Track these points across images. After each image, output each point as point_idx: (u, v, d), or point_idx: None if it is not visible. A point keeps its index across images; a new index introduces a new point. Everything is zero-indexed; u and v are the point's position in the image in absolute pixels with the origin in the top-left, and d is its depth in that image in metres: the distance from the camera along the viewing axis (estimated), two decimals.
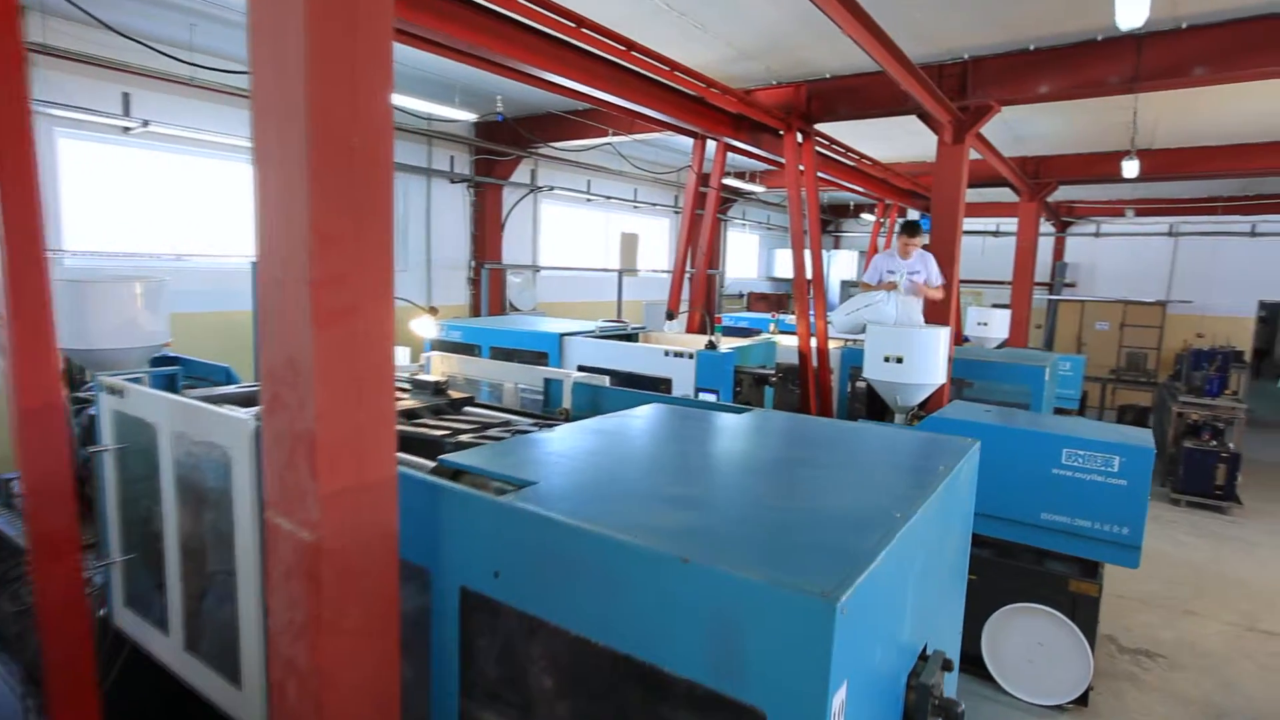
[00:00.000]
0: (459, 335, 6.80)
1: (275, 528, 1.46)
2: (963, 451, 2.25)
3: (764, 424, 2.56)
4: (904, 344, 4.90)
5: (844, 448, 2.28)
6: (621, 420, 2.56)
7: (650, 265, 12.82)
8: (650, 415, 2.66)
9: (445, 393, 3.41)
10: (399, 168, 8.39)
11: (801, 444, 2.32)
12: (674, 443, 2.32)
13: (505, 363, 3.84)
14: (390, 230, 1.46)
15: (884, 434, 2.52)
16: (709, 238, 7.04)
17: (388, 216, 1.44)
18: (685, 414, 2.69)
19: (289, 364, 1.38)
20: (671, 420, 2.59)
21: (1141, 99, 7.08)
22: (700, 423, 2.55)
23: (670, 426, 2.50)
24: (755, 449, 2.28)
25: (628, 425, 2.49)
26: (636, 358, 5.71)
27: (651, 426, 2.50)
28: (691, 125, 6.07)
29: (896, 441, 2.39)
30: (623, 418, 2.60)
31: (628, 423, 2.53)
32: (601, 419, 2.57)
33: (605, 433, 2.37)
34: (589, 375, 3.42)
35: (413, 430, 2.75)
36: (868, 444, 2.37)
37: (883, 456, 2.22)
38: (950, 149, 6.07)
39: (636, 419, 2.60)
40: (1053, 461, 4.16)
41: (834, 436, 2.42)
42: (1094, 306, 14.53)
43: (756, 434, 2.42)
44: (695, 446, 2.27)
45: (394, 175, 1.49)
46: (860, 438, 2.45)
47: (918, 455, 2.24)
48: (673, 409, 2.76)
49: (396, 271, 5.97)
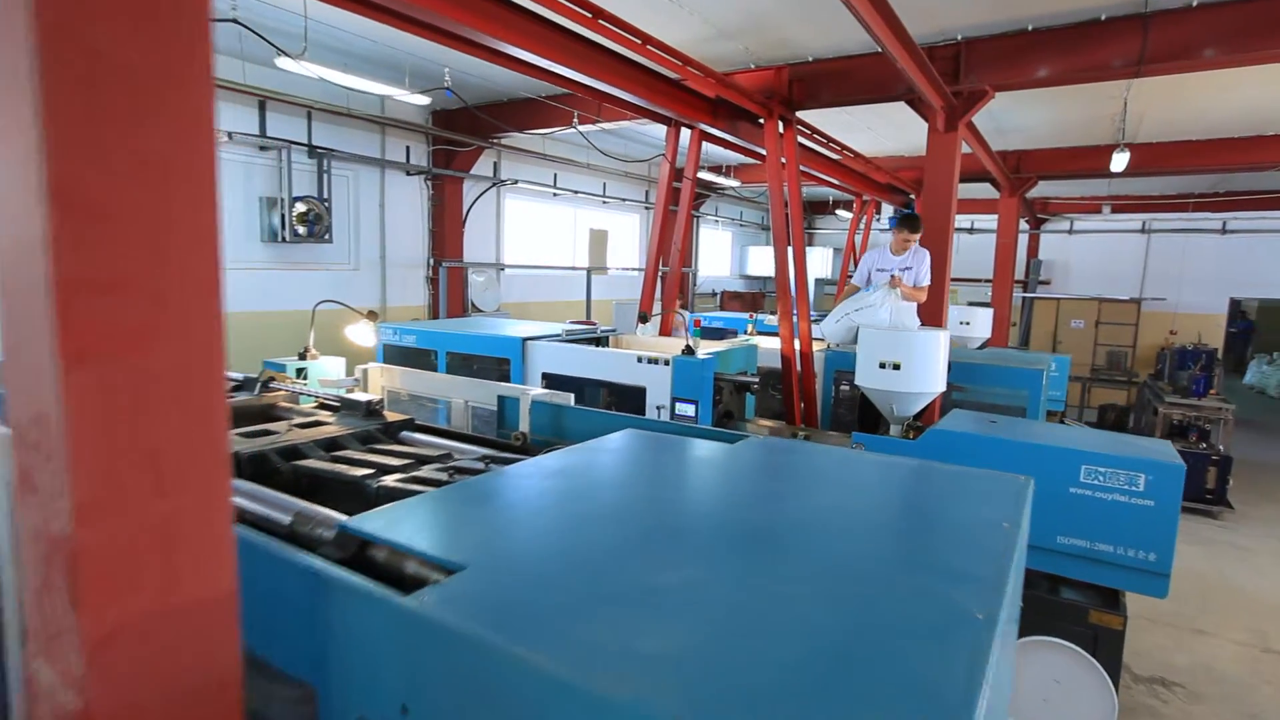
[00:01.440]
0: (413, 339, 6.23)
1: (33, 679, 0.92)
2: (1020, 496, 1.79)
3: (764, 459, 2.07)
4: (901, 349, 4.46)
5: (873, 496, 1.80)
6: (588, 456, 2.05)
7: (621, 263, 12.30)
8: (623, 448, 2.15)
9: (379, 414, 2.86)
10: (348, 157, 7.75)
11: (817, 490, 1.83)
12: (655, 493, 1.81)
13: (454, 377, 3.30)
14: (215, 204, 0.93)
15: (913, 472, 2.04)
16: (683, 233, 6.55)
17: (206, 176, 0.90)
18: (665, 445, 2.19)
19: (37, 423, 0.84)
20: (649, 455, 2.08)
21: (1132, 90, 6.78)
22: (685, 459, 2.05)
23: (648, 466, 1.99)
24: (761, 501, 1.77)
25: (595, 465, 1.98)
26: (606, 364, 5.20)
27: (625, 467, 1.99)
28: (665, 109, 5.57)
29: (934, 483, 1.91)
30: (589, 452, 2.08)
31: (595, 460, 2.02)
32: (564, 454, 2.06)
33: (567, 476, 1.85)
34: (551, 393, 2.90)
35: (327, 468, 2.20)
36: (899, 487, 1.89)
37: (927, 509, 1.74)
38: (942, 138, 5.66)
39: (606, 453, 2.09)
40: (1070, 479, 3.74)
41: (854, 478, 1.93)
42: (1069, 304, 14.40)
43: (758, 476, 1.93)
44: (682, 499, 1.75)
45: (347, 164, 0.95)
46: (887, 479, 1.97)
47: (968, 504, 1.76)
48: (650, 438, 2.25)
49: (347, 271, 5.23)
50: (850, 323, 5.01)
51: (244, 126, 6.79)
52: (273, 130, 7.04)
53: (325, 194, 7.38)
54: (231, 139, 6.53)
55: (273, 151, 7.05)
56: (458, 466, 2.17)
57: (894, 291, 4.90)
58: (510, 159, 9.88)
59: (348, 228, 8.06)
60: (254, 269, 7.10)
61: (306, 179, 7.39)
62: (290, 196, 6.99)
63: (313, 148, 7.35)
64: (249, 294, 7.03)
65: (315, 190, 7.37)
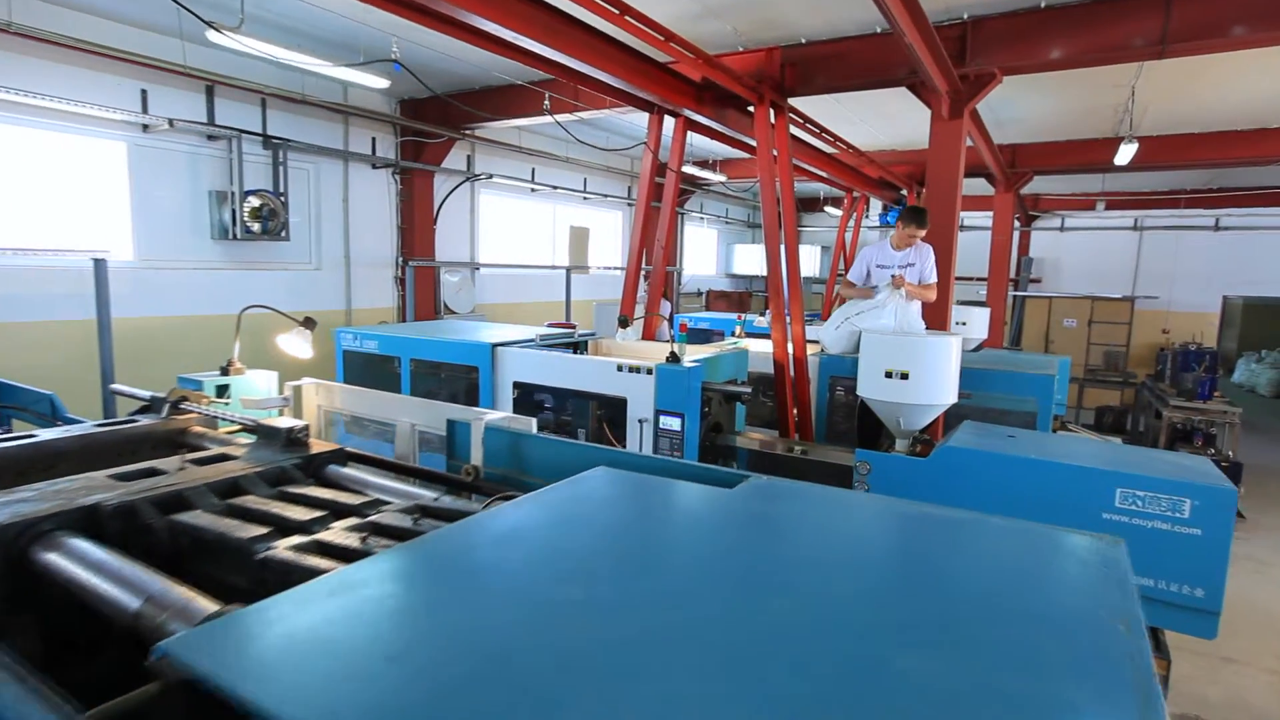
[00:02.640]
0: (375, 345, 5.72)
1: None
2: (1119, 573, 1.34)
3: (774, 516, 1.60)
4: (910, 356, 4.03)
5: (931, 580, 1.33)
6: (549, 512, 1.57)
7: (603, 262, 11.81)
8: (596, 498, 1.68)
9: (301, 444, 2.36)
10: (307, 148, 7.20)
11: (858, 571, 1.35)
12: (638, 577, 1.31)
13: (399, 396, 2.81)
14: None
15: (966, 531, 1.58)
16: (668, 230, 6.08)
17: None
18: (649, 492, 1.72)
19: None
20: (630, 510, 1.62)
21: (1141, 77, 6.41)
22: (674, 519, 1.59)
23: (629, 529, 1.52)
24: (790, 585, 1.28)
25: (559, 528, 1.50)
26: (583, 373, 4.73)
27: (599, 529, 1.51)
28: (647, 93, 5.09)
29: (997, 549, 1.46)
30: (550, 507, 1.60)
31: (559, 516, 1.54)
32: (518, 507, 1.58)
33: (519, 545, 1.37)
34: (510, 418, 2.42)
35: (212, 527, 1.71)
36: (968, 562, 1.43)
37: (1001, 597, 1.28)
38: (946, 125, 5.24)
39: (574, 506, 1.61)
40: (1104, 504, 3.32)
41: (899, 547, 1.48)
42: (1061, 303, 14.11)
43: (772, 544, 1.45)
44: (678, 589, 1.26)
45: (306, 156, 0.50)
46: (953, 544, 1.49)
47: (1054, 589, 1.30)
48: (630, 482, 1.78)
49: (309, 271, 4.50)
50: (851, 328, 4.56)
51: (188, 113, 6.23)
52: (223, 118, 6.49)
53: (281, 188, 6.83)
54: (173, 126, 5.97)
55: (223, 141, 6.50)
56: (378, 524, 1.69)
57: (898, 292, 4.45)
58: (485, 152, 9.36)
59: (309, 225, 7.52)
60: (203, 269, 6.54)
61: (261, 172, 6.84)
62: (241, 190, 6.44)
63: (268, 138, 6.80)
64: (198, 296, 6.48)
65: (270, 184, 6.82)
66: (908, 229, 4.82)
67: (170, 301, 6.27)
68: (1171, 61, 5.78)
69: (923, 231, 4.85)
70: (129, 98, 5.83)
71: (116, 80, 5.72)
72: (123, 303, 5.95)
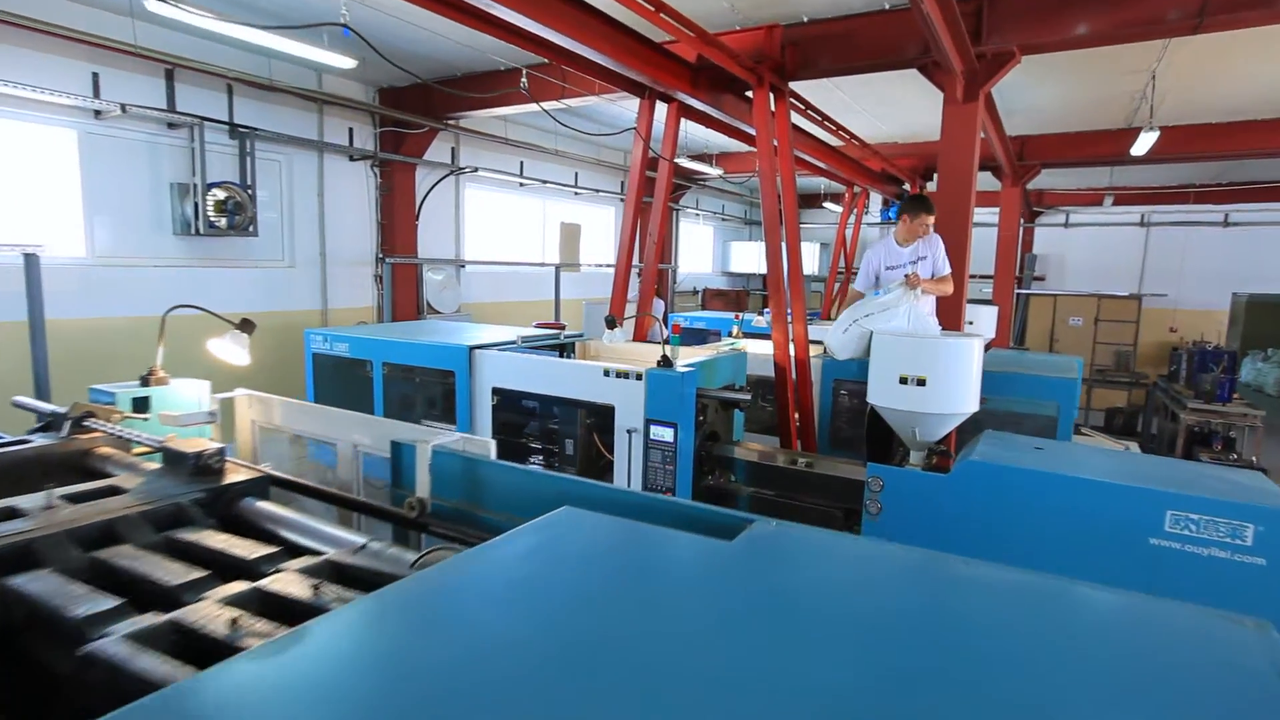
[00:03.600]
0: (345, 348, 5.31)
1: None
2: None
3: (800, 581, 1.20)
4: (927, 360, 3.63)
5: (1033, 694, 0.92)
6: (490, 580, 1.17)
7: (595, 259, 11.39)
8: (558, 554, 1.28)
9: (212, 472, 1.96)
10: (278, 138, 6.78)
11: (910, 680, 0.94)
12: (607, 700, 0.91)
13: (341, 411, 2.40)
14: None
15: (1070, 604, 1.18)
16: (660, 223, 5.68)
17: None
18: (626, 547, 1.32)
19: None
20: (600, 577, 1.21)
21: (1164, 61, 6.03)
22: (660, 587, 1.18)
23: (596, 610, 1.11)
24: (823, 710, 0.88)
25: (499, 614, 1.09)
26: (568, 378, 4.33)
27: (555, 610, 1.10)
28: (638, 73, 4.69)
29: (1120, 642, 1.05)
30: (494, 571, 1.20)
31: (503, 597, 1.14)
32: (449, 577, 1.18)
33: (437, 635, 0.97)
34: (465, 439, 2.02)
35: (44, 596, 1.31)
36: (1079, 667, 1.02)
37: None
38: (960, 109, 4.84)
39: (525, 569, 1.21)
40: (1151, 528, 2.93)
41: (960, 639, 1.07)
42: (1067, 301, 13.74)
43: (793, 624, 1.05)
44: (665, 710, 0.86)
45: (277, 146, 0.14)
46: (1045, 631, 1.09)
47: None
48: (602, 531, 1.38)
49: (281, 269, 3.86)
50: (860, 331, 4.15)
51: (147, 98, 5.80)
52: (187, 105, 6.07)
53: (249, 180, 6.41)
54: (126, 111, 5.54)
55: (185, 129, 6.07)
56: (267, 593, 1.28)
57: (913, 292, 4.05)
58: (470, 144, 8.95)
59: (281, 219, 7.09)
60: (164, 266, 6.12)
61: (228, 163, 6.42)
62: (204, 182, 6.01)
63: (234, 126, 6.38)
64: (159, 296, 6.03)
65: (238, 176, 6.40)
66: (916, 219, 4.41)
67: (127, 301, 5.84)
68: (1197, 42, 5.42)
69: (932, 219, 4.44)
70: (78, 81, 5.40)
71: (64, 62, 5.29)
72: (73, 302, 5.54)
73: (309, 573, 1.36)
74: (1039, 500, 3.16)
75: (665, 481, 4.00)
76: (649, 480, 4.04)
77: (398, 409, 5.52)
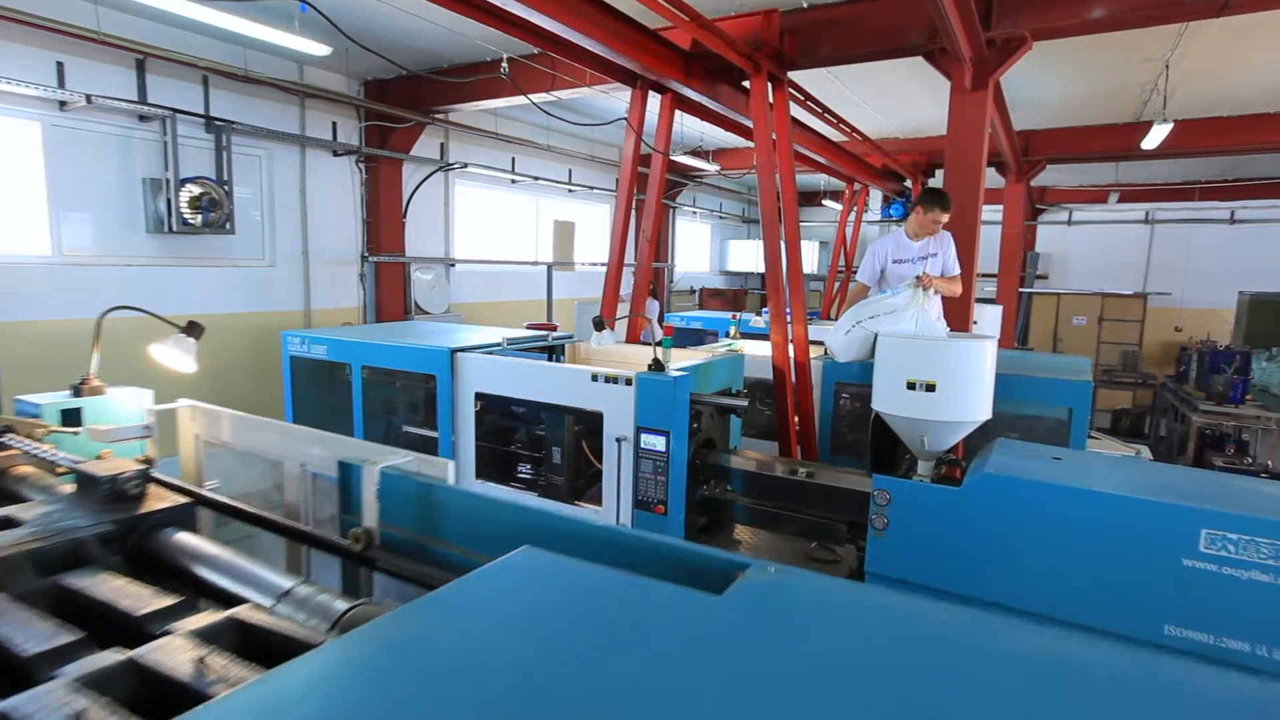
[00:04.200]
0: (323, 351, 5.06)
1: None
2: None
3: (807, 650, 0.96)
4: (938, 364, 3.38)
5: None
6: (423, 648, 0.92)
7: (589, 258, 11.13)
8: (511, 611, 1.03)
9: (128, 499, 1.71)
10: (256, 132, 6.52)
11: None
12: None
13: (286, 425, 2.15)
14: None
15: (1168, 690, 0.93)
16: (654, 219, 5.43)
17: None
18: (596, 603, 1.08)
19: None
20: (563, 645, 0.96)
21: (1180, 48, 5.79)
22: (634, 658, 0.93)
23: (554, 694, 0.86)
24: None
25: (428, 697, 0.84)
26: (554, 383, 4.08)
27: (504, 697, 0.85)
28: (629, 60, 4.44)
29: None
30: (429, 635, 0.95)
31: (438, 672, 0.89)
32: (370, 644, 0.93)
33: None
34: (420, 459, 1.77)
35: None
36: None
37: None
38: (969, 98, 4.60)
39: (473, 638, 0.96)
40: (1183, 547, 2.68)
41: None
42: (1070, 299, 13.51)
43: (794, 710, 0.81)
44: None
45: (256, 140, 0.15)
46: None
47: None
48: (568, 583, 1.13)
49: (261, 268, 3.47)
50: (864, 332, 3.90)
51: (116, 89, 5.54)
52: (161, 97, 5.81)
53: (225, 175, 6.15)
54: (91, 102, 5.28)
55: (157, 122, 5.81)
56: (142, 666, 1.03)
57: (923, 293, 3.79)
58: (459, 139, 8.69)
59: (262, 216, 6.84)
60: (136, 265, 5.86)
61: (205, 157, 6.16)
62: (177, 177, 5.76)
63: (210, 119, 6.12)
64: (131, 296, 5.70)
65: (214, 171, 6.14)
66: (930, 213, 4.15)
67: (97, 302, 5.46)
68: (1216, 29, 5.18)
69: (947, 216, 4.19)
70: (42, 71, 5.14)
71: (26, 50, 5.03)
72: (38, 304, 5.29)
73: (204, 636, 1.11)
74: (1060, 517, 2.91)
75: (657, 493, 3.76)
76: (640, 492, 3.79)
77: (381, 415, 5.28)
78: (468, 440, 4.42)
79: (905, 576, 3.31)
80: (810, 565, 4.11)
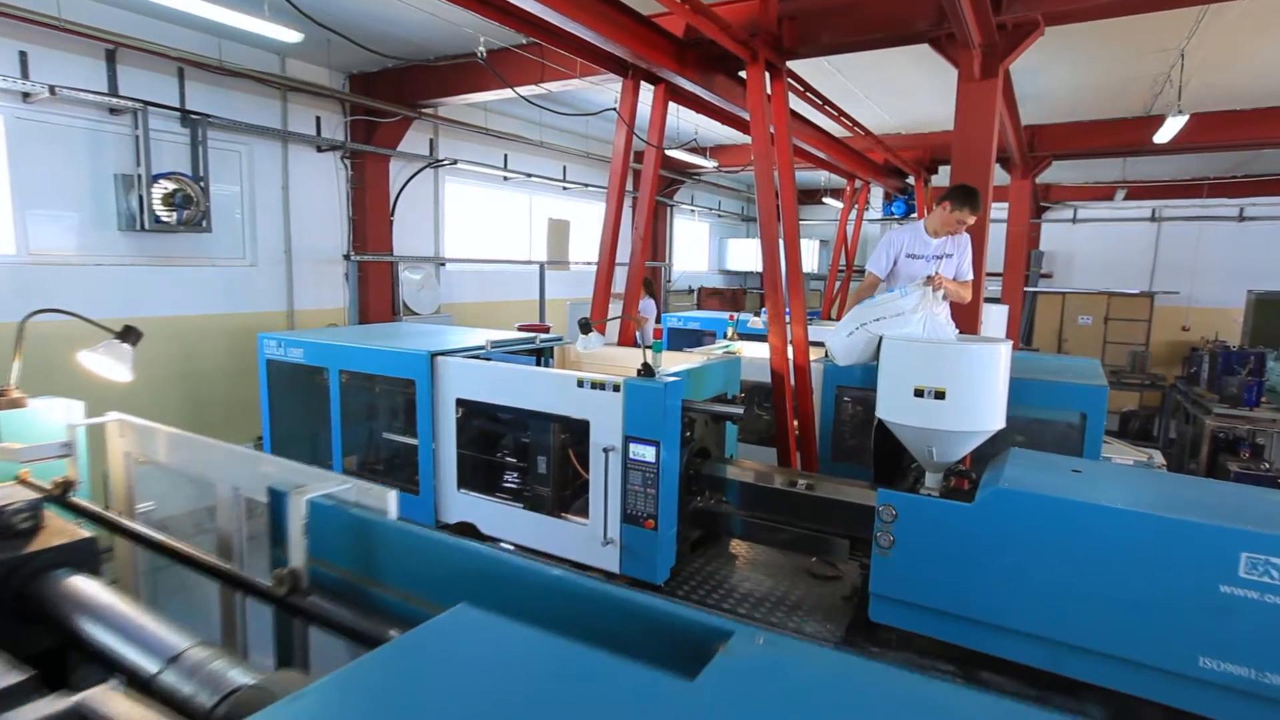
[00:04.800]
0: (300, 354, 4.83)
1: None
2: None
3: None
4: (947, 369, 3.14)
5: None
6: None
7: (584, 257, 10.89)
8: (429, 706, 0.79)
9: (18, 534, 1.48)
10: (235, 126, 6.28)
11: None
12: None
13: (226, 446, 1.90)
14: None
15: None
16: (646, 216, 5.19)
17: None
18: (534, 686, 0.84)
19: None
20: None
21: (1194, 38, 5.54)
22: None
23: None
24: None
25: None
26: (537, 388, 3.84)
27: None
28: (620, 46, 4.19)
29: None
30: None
31: None
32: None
33: None
34: (359, 488, 1.53)
35: None
36: None
37: None
38: (978, 87, 4.35)
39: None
40: (1221, 572, 2.44)
41: None
42: (1075, 299, 13.26)
43: None
44: None
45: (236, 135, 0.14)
46: None
47: None
48: (505, 650, 0.90)
49: (242, 267, 3.14)
50: (867, 335, 3.64)
51: (84, 80, 5.30)
52: (132, 89, 5.56)
53: (202, 171, 5.91)
54: (54, 94, 5.03)
55: (129, 115, 5.57)
56: None
57: (933, 294, 3.53)
58: (449, 135, 8.44)
59: (242, 213, 6.60)
60: (108, 264, 5.62)
61: (181, 153, 5.92)
62: (149, 173, 5.52)
63: (185, 113, 5.88)
64: (103, 297, 5.57)
65: (190, 166, 5.90)
66: (958, 212, 3.85)
67: (66, 304, 5.28)
68: (1235, 13, 4.94)
69: (973, 219, 3.91)
70: (4, 61, 4.90)
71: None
72: (1, 306, 5.05)
73: None
74: (1082, 537, 2.67)
75: (647, 507, 3.51)
76: (629, 506, 3.55)
77: (361, 421, 5.04)
78: (449, 448, 4.18)
79: (913, 599, 3.08)
80: (810, 581, 3.87)
